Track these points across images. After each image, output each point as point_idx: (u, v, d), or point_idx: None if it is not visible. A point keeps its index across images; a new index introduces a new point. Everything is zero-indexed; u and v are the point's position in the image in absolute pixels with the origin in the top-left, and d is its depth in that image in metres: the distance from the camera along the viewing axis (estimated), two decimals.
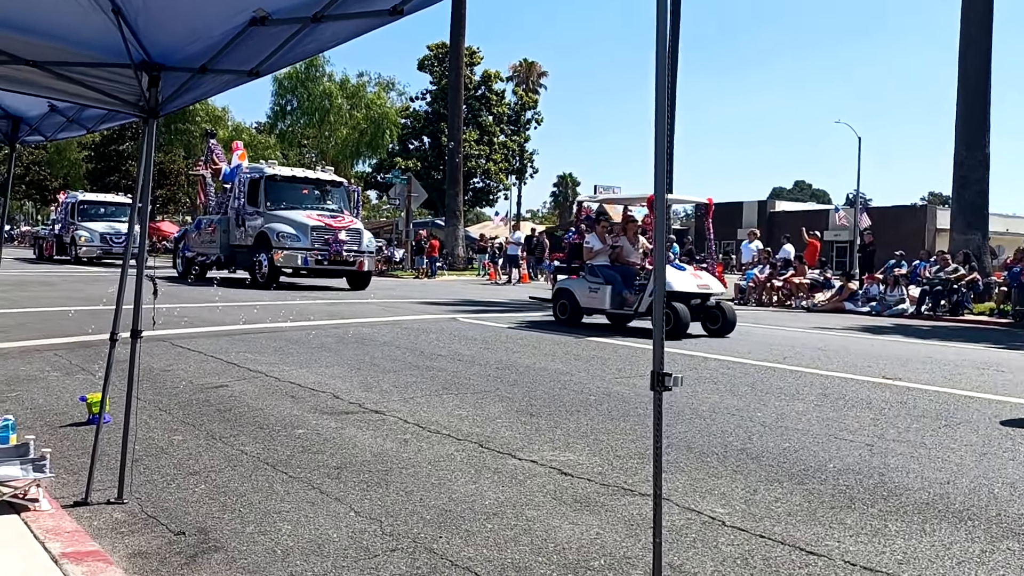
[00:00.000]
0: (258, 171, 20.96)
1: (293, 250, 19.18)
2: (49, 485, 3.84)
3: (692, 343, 10.73)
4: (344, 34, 3.16)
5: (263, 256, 19.41)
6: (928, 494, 4.31)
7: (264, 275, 19.40)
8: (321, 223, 19.72)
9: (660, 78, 2.41)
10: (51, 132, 5.67)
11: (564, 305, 12.70)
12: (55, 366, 7.51)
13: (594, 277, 12.19)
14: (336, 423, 5.61)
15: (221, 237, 21.24)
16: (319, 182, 21.66)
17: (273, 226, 19.46)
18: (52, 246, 33.03)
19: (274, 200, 20.30)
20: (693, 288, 11.59)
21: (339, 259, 19.68)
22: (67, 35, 3.64)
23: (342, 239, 19.67)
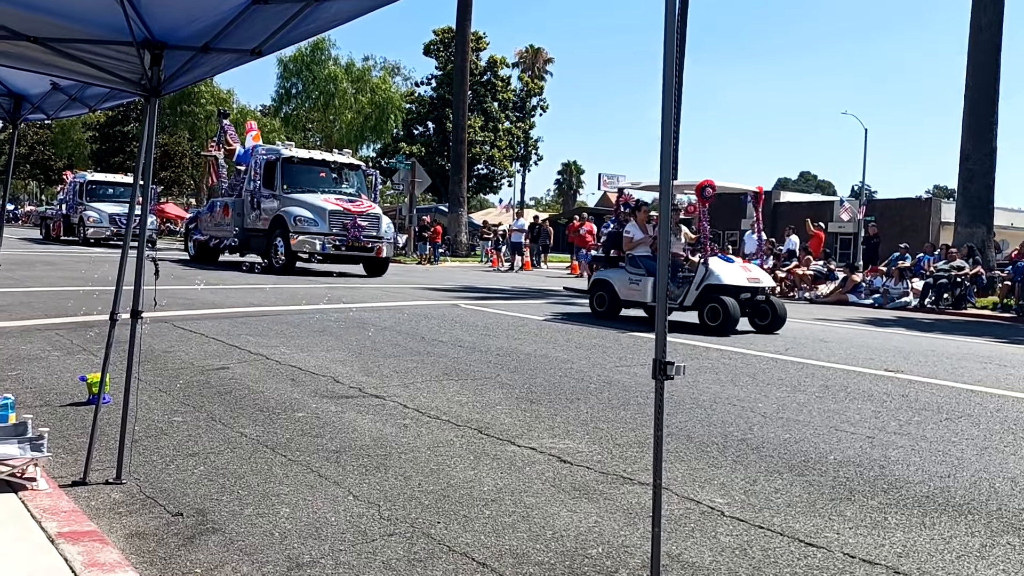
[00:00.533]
0: (275, 152, 20.17)
1: (310, 235, 18.52)
2: (47, 464, 3.84)
3: (694, 332, 10.70)
4: (346, 13, 3.12)
5: (279, 240, 18.81)
6: (928, 487, 4.29)
7: (280, 260, 18.83)
8: (339, 207, 19.03)
9: (668, 67, 2.38)
10: (53, 110, 5.64)
11: (602, 297, 12.17)
12: (56, 345, 7.51)
13: (635, 268, 11.67)
14: (336, 407, 5.60)
15: (235, 220, 20.60)
16: (337, 165, 20.90)
17: (290, 210, 18.79)
18: (59, 226, 32.55)
19: (291, 183, 19.59)
20: (743, 281, 11.05)
21: (357, 245, 19.05)
22: (69, 11, 3.61)
23: (360, 224, 19.04)
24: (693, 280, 10.99)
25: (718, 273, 10.87)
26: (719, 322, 10.56)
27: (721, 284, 10.82)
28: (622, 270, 11.94)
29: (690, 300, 11.02)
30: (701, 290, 10.86)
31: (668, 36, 2.35)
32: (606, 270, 12.47)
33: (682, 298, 11.10)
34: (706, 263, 10.94)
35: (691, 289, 10.98)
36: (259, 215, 19.73)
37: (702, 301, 10.89)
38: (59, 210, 33.79)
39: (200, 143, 57.66)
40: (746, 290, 11.11)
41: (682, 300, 11.11)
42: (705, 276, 10.86)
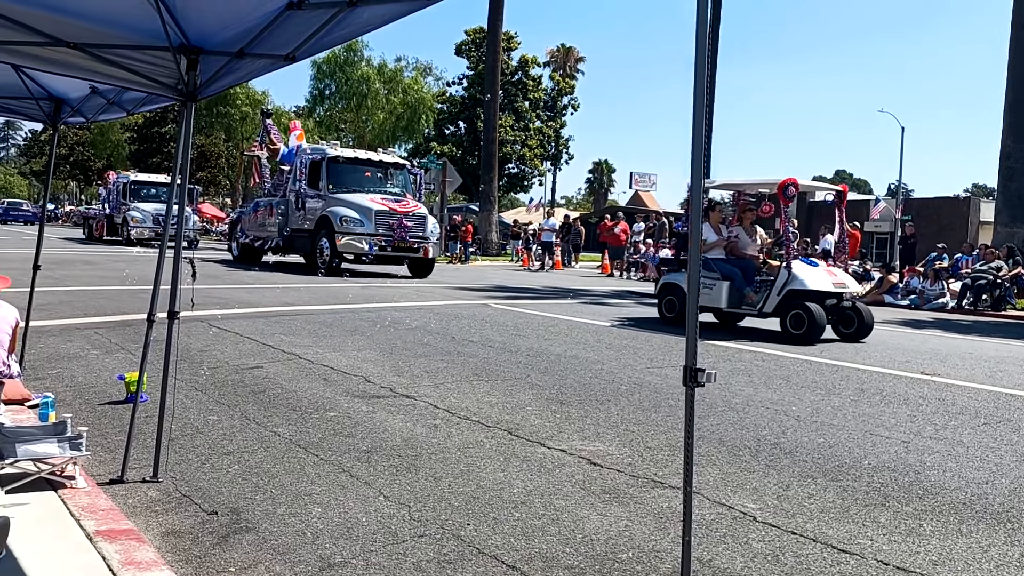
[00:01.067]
0: (320, 152, 19.94)
1: (356, 235, 18.27)
2: (86, 463, 3.92)
3: (727, 334, 10.61)
4: (380, 18, 3.14)
5: (324, 241, 18.56)
6: (965, 494, 4.22)
7: (325, 261, 18.53)
8: (385, 207, 18.76)
9: (700, 65, 2.36)
10: (92, 114, 5.75)
11: (672, 302, 11.54)
12: (95, 344, 7.65)
13: (708, 272, 11.01)
14: (367, 407, 5.64)
15: (279, 220, 20.37)
16: (382, 164, 20.67)
17: (336, 210, 18.51)
18: (103, 226, 32.57)
19: (336, 183, 19.32)
20: (828, 287, 10.33)
21: (403, 245, 18.79)
22: (107, 17, 3.68)
23: (407, 224, 18.79)
24: (774, 285, 10.38)
25: (802, 277, 10.23)
26: (803, 330, 9.98)
27: (805, 289, 10.18)
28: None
29: (770, 306, 10.40)
30: (783, 295, 10.26)
31: (700, 33, 2.34)
32: (676, 273, 11.85)
33: (761, 304, 10.50)
34: (788, 266, 10.32)
35: (771, 294, 10.37)
36: (304, 215, 19.58)
37: (784, 307, 10.30)
38: (102, 210, 33.99)
39: (235, 144, 58.40)
40: (831, 295, 10.42)
41: (761, 306, 10.51)
42: (788, 280, 10.24)
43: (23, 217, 54.45)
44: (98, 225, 33.48)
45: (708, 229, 11.29)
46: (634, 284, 22.38)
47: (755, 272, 10.92)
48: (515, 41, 56.76)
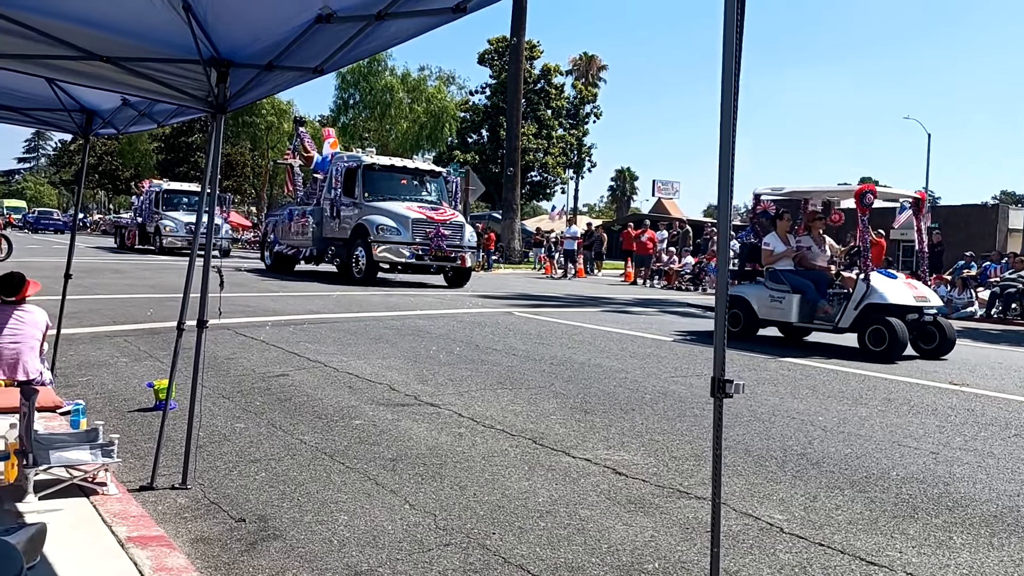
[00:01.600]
0: (355, 160, 19.69)
1: (393, 244, 17.94)
2: (116, 469, 3.97)
3: (752, 343, 10.54)
4: (406, 32, 3.18)
5: (360, 250, 18.27)
6: (996, 506, 4.16)
7: (361, 270, 18.24)
8: (423, 215, 18.48)
9: (727, 73, 2.36)
10: (123, 125, 5.84)
11: (737, 316, 10.96)
12: (124, 352, 7.75)
13: (777, 284, 10.51)
14: (392, 415, 5.67)
15: (314, 229, 20.09)
16: (418, 172, 20.46)
17: (372, 218, 18.23)
18: (135, 235, 32.34)
19: (372, 190, 19.04)
20: (909, 300, 9.76)
21: (440, 254, 18.40)
22: (140, 31, 3.74)
23: (444, 233, 18.42)
24: (850, 298, 9.81)
25: (881, 291, 9.66)
26: (884, 347, 9.40)
27: (885, 303, 9.60)
28: (760, 286, 10.86)
29: (847, 321, 9.82)
30: (861, 310, 9.68)
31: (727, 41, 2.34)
32: (741, 285, 11.22)
33: (837, 318, 9.93)
34: (867, 279, 9.74)
35: (848, 308, 9.79)
36: (339, 224, 19.34)
37: (862, 322, 9.73)
38: (134, 219, 33.81)
39: (261, 153, 58.96)
40: (913, 310, 9.79)
41: (837, 320, 9.93)
42: (866, 294, 9.66)
43: (54, 226, 55.27)
44: (130, 234, 33.43)
45: (775, 239, 10.85)
46: (658, 292, 22.30)
47: (827, 284, 10.41)
48: (537, 50, 56.96)
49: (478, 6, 2.86)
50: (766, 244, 10.90)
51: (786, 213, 11.21)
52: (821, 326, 10.27)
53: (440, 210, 19.36)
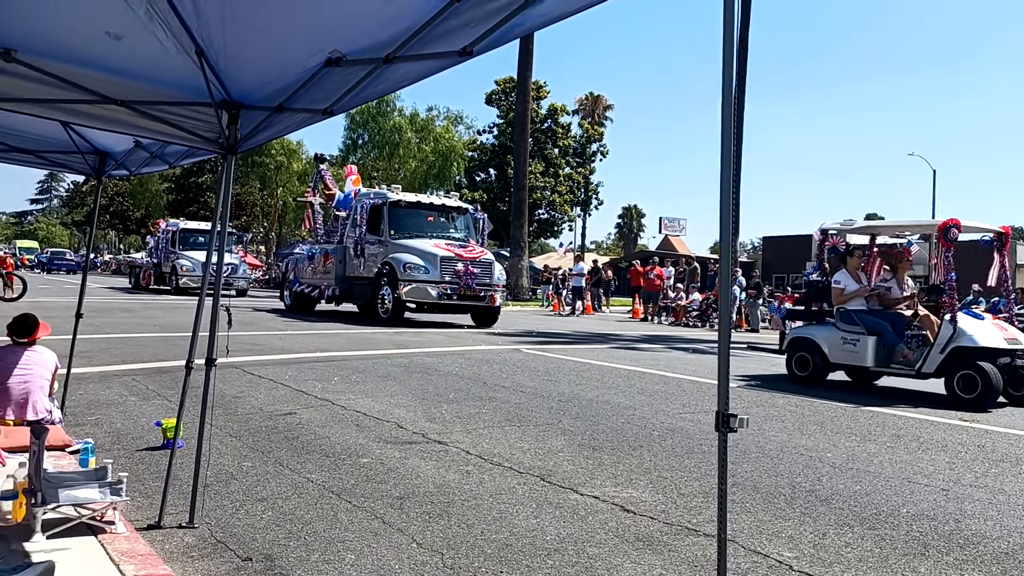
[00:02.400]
0: (381, 197, 19.09)
1: (421, 283, 17.27)
2: (124, 508, 3.98)
3: (759, 380, 10.51)
4: (415, 75, 3.25)
5: (386, 289, 17.68)
6: (1008, 543, 4.13)
7: (388, 310, 17.64)
8: (451, 253, 17.85)
9: (726, 112, 2.41)
10: (135, 167, 5.95)
11: (805, 359, 10.27)
12: (132, 391, 7.78)
13: (850, 325, 9.85)
14: (400, 453, 5.67)
15: (337, 268, 19.52)
16: (445, 208, 19.87)
17: (398, 256, 17.61)
18: (150, 275, 31.71)
19: (398, 228, 18.48)
20: (1000, 343, 9.04)
21: (469, 293, 17.72)
22: (154, 76, 3.84)
23: (472, 271, 17.74)
24: (935, 341, 9.09)
25: (971, 333, 8.94)
26: (976, 394, 8.68)
27: (975, 347, 8.87)
28: (830, 327, 10.17)
29: (932, 366, 9.08)
30: (948, 353, 8.97)
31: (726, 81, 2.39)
32: (810, 327, 10.57)
33: (920, 362, 9.18)
34: (953, 320, 9.02)
35: (932, 352, 9.06)
36: (363, 262, 18.77)
37: (949, 367, 9.00)
38: (149, 259, 33.06)
39: (270, 192, 59.47)
40: (1005, 353, 9.05)
41: (920, 365, 9.18)
42: (953, 336, 8.94)
43: (66, 266, 55.69)
44: (145, 274, 32.82)
45: (846, 276, 10.21)
46: (666, 328, 22.27)
47: (905, 326, 9.67)
48: (544, 90, 57.62)
49: (484, 49, 2.93)
50: (836, 282, 10.25)
51: (856, 250, 10.54)
52: (900, 371, 9.52)
53: (468, 247, 18.79)
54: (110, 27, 3.32)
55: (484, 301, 18.14)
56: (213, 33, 3.27)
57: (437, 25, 2.87)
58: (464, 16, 2.79)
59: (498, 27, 2.80)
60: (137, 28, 3.21)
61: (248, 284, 31.56)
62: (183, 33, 3.24)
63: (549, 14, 2.69)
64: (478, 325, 18.55)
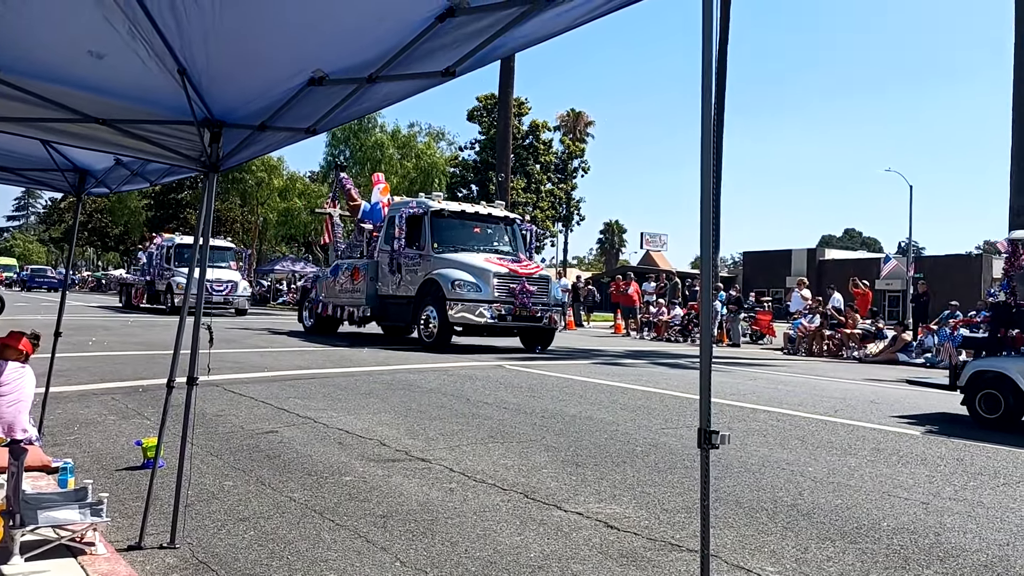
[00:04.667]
0: (422, 206, 17.08)
1: (472, 302, 15.36)
2: (104, 528, 3.94)
3: (741, 395, 10.57)
4: (397, 94, 3.28)
5: (431, 310, 15.78)
6: (987, 555, 4.17)
7: (432, 333, 15.80)
8: (505, 268, 15.94)
9: (706, 130, 2.45)
10: (116, 184, 5.92)
11: (994, 397, 8.57)
12: (112, 410, 7.70)
13: None
14: (383, 471, 5.65)
15: (368, 286, 17.63)
16: (491, 218, 17.81)
17: (445, 272, 15.71)
18: (142, 293, 30.29)
19: (441, 240, 16.61)
20: None
21: (525, 313, 15.81)
22: (135, 95, 3.84)
23: (529, 289, 15.89)
24: None
25: None
26: None
27: None
28: None
29: None
30: None
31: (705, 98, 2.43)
32: (998, 359, 8.91)
33: None
34: None
35: None
36: (401, 279, 16.85)
37: None
38: (141, 276, 31.56)
39: (250, 208, 59.23)
40: None
41: None
42: None
43: (47, 284, 55.06)
44: (137, 292, 31.16)
45: None
46: (648, 344, 22.35)
47: None
48: (526, 107, 57.99)
49: (467, 70, 2.96)
50: None
51: None
52: None
53: (525, 262, 17.00)
54: (92, 46, 3.32)
55: (542, 322, 16.35)
56: (196, 52, 3.28)
57: (420, 46, 2.90)
58: (447, 37, 2.82)
59: (480, 48, 2.83)
60: (119, 47, 3.21)
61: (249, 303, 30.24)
62: (165, 52, 3.25)
63: (530, 35, 2.73)
64: (530, 348, 16.93)
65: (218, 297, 27.75)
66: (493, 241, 17.67)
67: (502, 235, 17.97)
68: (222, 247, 31.00)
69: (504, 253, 17.29)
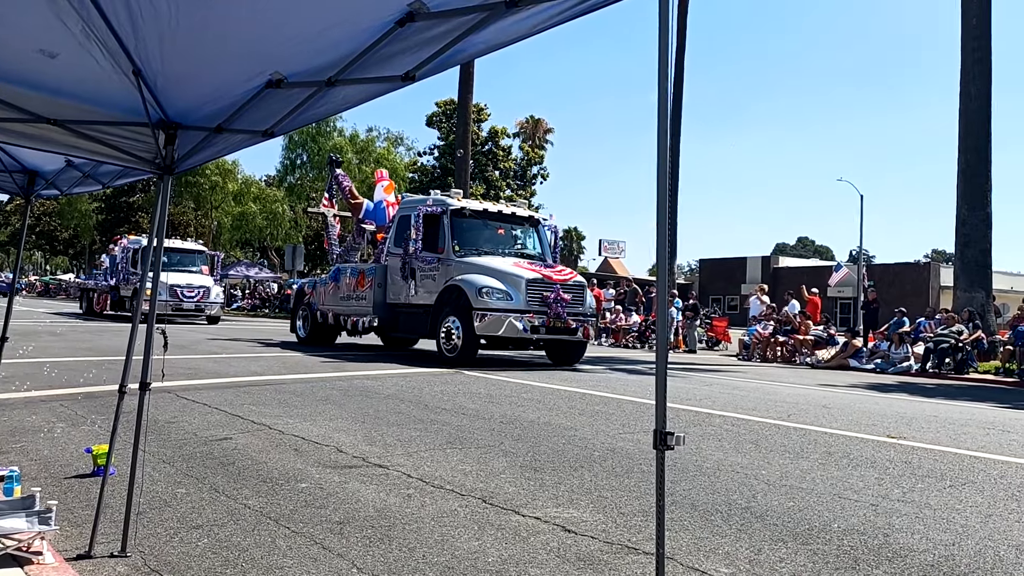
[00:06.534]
0: (440, 204, 15.63)
1: (502, 312, 13.92)
2: (53, 538, 3.85)
3: (697, 399, 10.70)
4: (356, 98, 3.27)
5: (453, 320, 14.31)
6: (933, 556, 4.28)
7: (455, 347, 14.27)
8: (538, 274, 14.58)
9: (661, 137, 2.49)
10: (67, 187, 5.80)
11: None
12: (61, 417, 7.53)
13: None
14: (339, 477, 5.60)
15: (375, 293, 16.21)
16: (515, 218, 16.36)
17: (470, 279, 14.30)
18: (105, 299, 28.68)
19: (463, 243, 15.26)
20: None
21: (560, 325, 14.40)
22: (88, 95, 3.77)
23: (564, 297, 14.45)
24: None
25: None
26: None
27: None
28: None
29: None
30: None
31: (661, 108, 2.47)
32: None
33: None
34: None
35: None
36: (415, 285, 15.51)
37: None
38: (104, 280, 29.76)
39: (204, 212, 58.33)
40: None
41: None
42: None
43: None
44: (100, 298, 29.37)
45: None
46: (606, 350, 22.50)
47: None
48: (485, 113, 58.12)
49: (427, 75, 2.97)
50: None
51: None
52: None
53: (557, 267, 15.74)
54: (44, 45, 3.26)
55: (576, 334, 14.87)
56: (151, 53, 3.23)
57: (380, 50, 2.90)
58: (407, 42, 2.83)
59: (440, 53, 2.85)
60: (72, 47, 3.15)
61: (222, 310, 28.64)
62: (120, 53, 3.20)
63: (490, 42, 2.75)
64: (558, 362, 15.49)
65: (189, 304, 26.14)
66: (518, 243, 16.28)
67: (527, 236, 16.57)
68: (192, 250, 29.45)
69: (531, 257, 15.98)
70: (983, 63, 20.85)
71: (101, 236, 54.74)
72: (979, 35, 20.84)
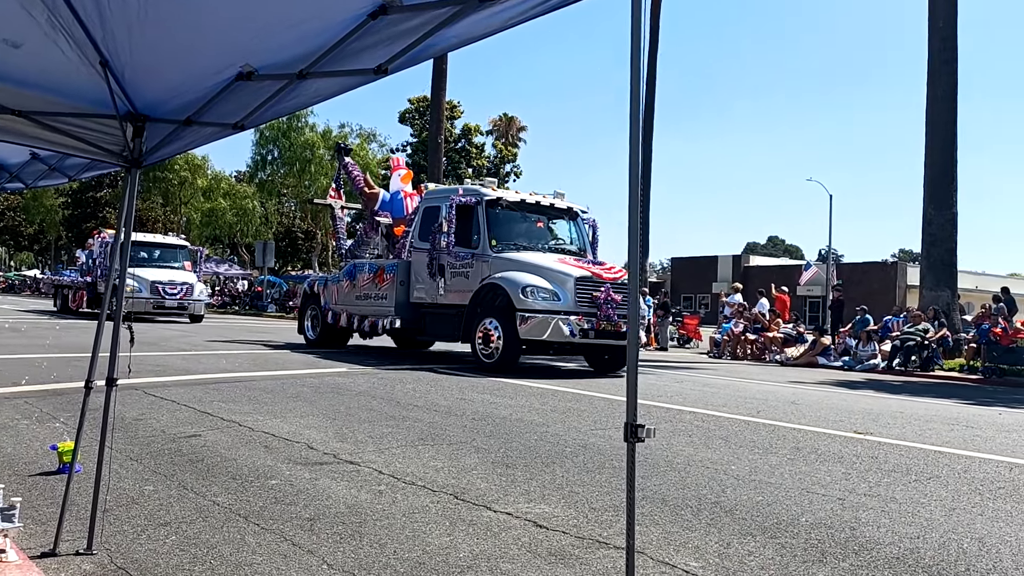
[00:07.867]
0: (473, 194, 14.29)
1: (548, 313, 12.60)
2: (16, 535, 3.79)
3: (668, 396, 10.77)
4: (328, 91, 3.25)
5: (492, 322, 13.02)
6: (899, 548, 4.35)
7: (495, 352, 13.01)
8: (586, 272, 13.21)
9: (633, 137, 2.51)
10: (32, 180, 5.70)
11: None
12: (25, 414, 7.40)
13: None
14: (310, 474, 5.57)
15: (397, 291, 14.84)
16: (554, 211, 15.05)
17: (512, 276, 12.94)
18: (82, 297, 27.39)
19: (500, 237, 13.94)
20: None
21: (609, 328, 12.93)
22: (54, 86, 3.70)
23: (614, 297, 12.99)
24: None
25: None
26: None
27: None
28: None
29: None
30: None
31: (633, 106, 2.48)
32: None
33: None
34: None
35: None
36: (444, 283, 14.18)
37: None
38: (81, 276, 28.48)
39: (173, 208, 57.67)
40: None
41: None
42: None
43: None
44: (76, 295, 28.04)
45: None
46: None
47: None
48: (458, 110, 58.05)
49: (399, 68, 2.96)
50: None
51: None
52: None
53: (605, 265, 14.26)
54: (8, 35, 3.20)
55: (623, 339, 12.97)
56: (119, 44, 3.18)
57: (352, 42, 2.88)
58: (379, 35, 2.81)
59: (413, 47, 2.83)
60: (38, 36, 3.10)
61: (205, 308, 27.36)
62: (87, 43, 3.14)
63: (463, 35, 2.75)
64: (600, 369, 14.22)
65: (172, 302, 25.14)
66: (558, 238, 15.13)
67: (567, 230, 15.35)
68: (174, 245, 28.40)
69: (573, 253, 14.81)
70: (950, 64, 21.19)
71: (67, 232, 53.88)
72: (946, 36, 21.18)
